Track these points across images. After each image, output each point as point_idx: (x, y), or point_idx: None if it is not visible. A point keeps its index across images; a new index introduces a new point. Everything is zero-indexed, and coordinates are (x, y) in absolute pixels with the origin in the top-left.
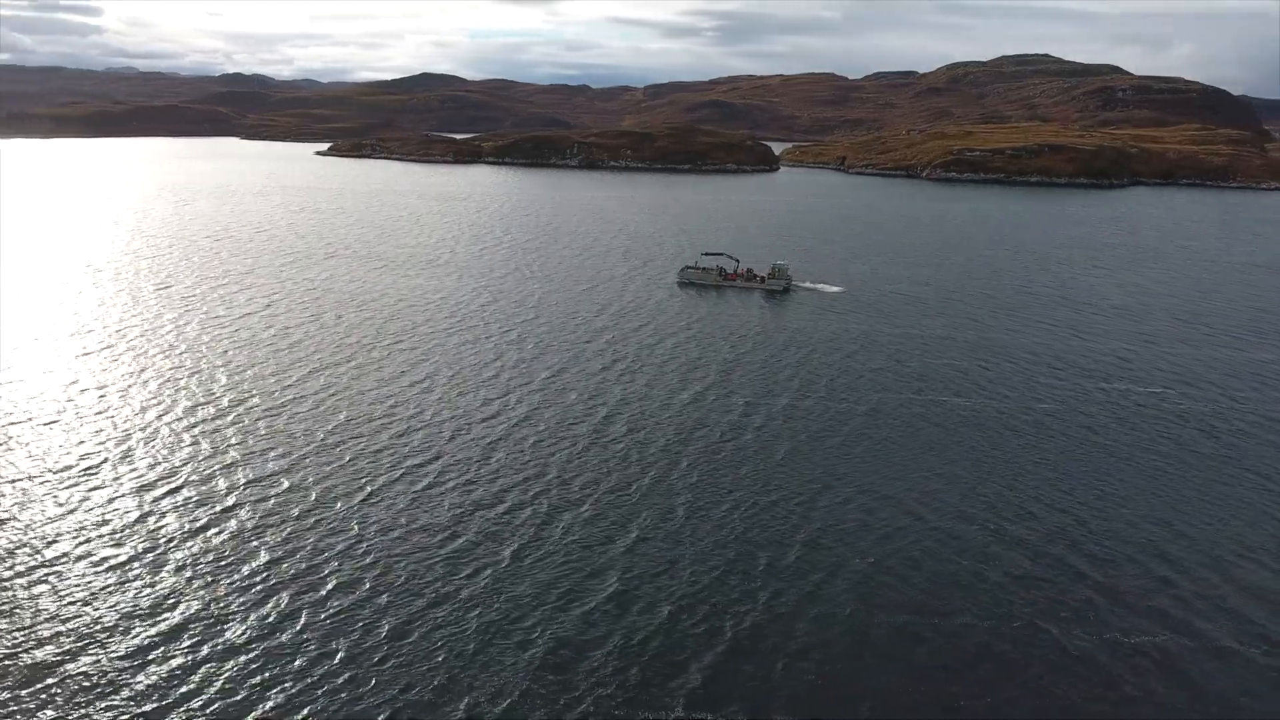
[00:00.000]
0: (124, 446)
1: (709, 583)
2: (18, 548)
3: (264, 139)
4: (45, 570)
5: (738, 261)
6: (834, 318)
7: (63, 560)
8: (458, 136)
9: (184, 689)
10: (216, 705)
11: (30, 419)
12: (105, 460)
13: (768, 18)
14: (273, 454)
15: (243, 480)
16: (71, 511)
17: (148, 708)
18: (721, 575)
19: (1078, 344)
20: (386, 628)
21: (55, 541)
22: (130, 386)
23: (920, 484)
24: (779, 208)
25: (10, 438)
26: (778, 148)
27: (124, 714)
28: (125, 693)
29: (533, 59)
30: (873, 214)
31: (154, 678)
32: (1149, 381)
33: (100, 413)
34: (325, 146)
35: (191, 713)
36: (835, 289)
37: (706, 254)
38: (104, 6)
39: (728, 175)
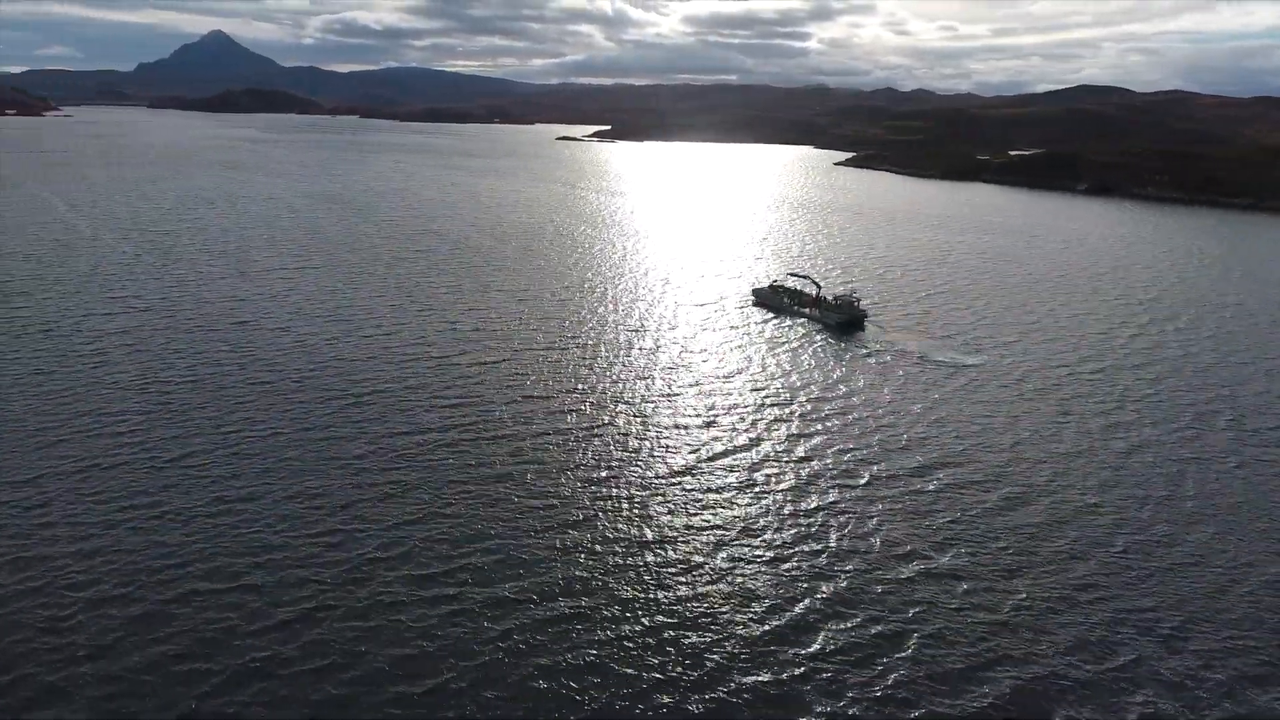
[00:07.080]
0: None
1: None
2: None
3: (826, 148)
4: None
5: (819, 287)
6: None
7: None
8: (1019, 152)
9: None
10: None
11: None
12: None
13: None
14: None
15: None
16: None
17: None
18: None
19: None
20: None
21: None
22: None
23: None
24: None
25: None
26: None
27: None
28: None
29: (1273, 65)
30: None
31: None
32: None
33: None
34: (844, 157)
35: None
36: (960, 358)
37: (792, 274)
38: (812, 31)
39: None
